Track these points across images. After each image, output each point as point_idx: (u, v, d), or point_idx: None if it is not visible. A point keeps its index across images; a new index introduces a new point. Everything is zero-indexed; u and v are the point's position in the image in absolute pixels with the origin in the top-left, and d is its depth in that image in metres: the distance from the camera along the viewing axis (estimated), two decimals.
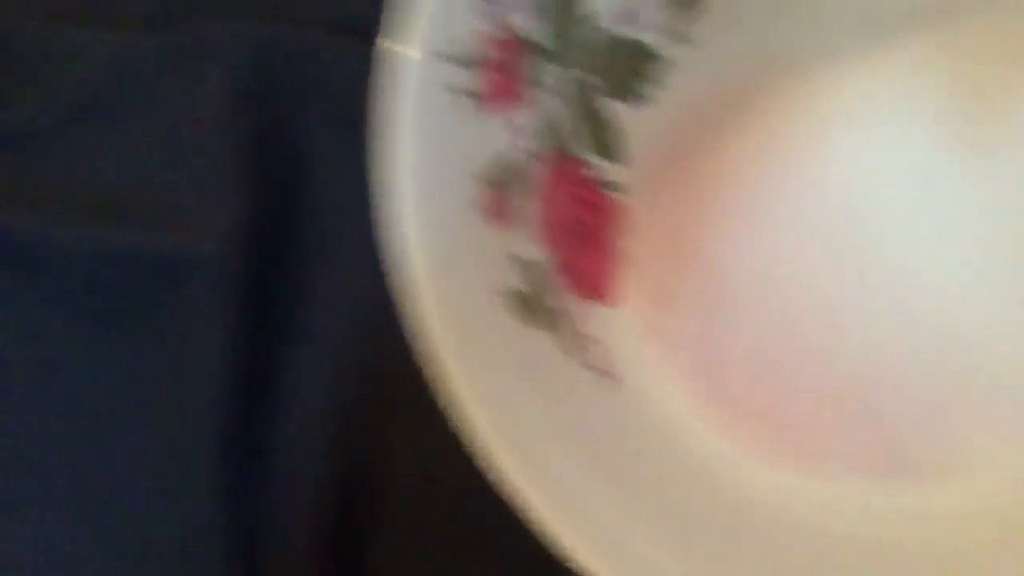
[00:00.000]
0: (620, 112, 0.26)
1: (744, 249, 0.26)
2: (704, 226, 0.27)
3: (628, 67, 0.26)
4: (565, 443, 0.22)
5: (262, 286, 0.28)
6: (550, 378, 0.23)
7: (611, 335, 0.25)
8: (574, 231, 0.26)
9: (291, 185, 0.28)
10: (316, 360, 0.27)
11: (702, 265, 0.26)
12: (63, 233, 0.27)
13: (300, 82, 0.28)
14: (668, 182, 0.27)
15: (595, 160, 0.26)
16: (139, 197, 0.28)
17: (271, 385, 0.27)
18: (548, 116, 0.25)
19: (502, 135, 0.23)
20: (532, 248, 0.24)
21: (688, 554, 0.21)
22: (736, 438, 0.25)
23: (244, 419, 0.27)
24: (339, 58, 0.28)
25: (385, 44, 0.20)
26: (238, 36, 0.28)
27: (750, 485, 0.24)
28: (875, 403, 0.24)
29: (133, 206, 0.28)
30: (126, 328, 0.27)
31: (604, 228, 0.26)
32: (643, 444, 0.24)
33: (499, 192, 0.23)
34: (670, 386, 0.25)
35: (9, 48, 0.29)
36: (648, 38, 0.26)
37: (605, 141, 0.26)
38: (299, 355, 0.27)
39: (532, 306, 0.23)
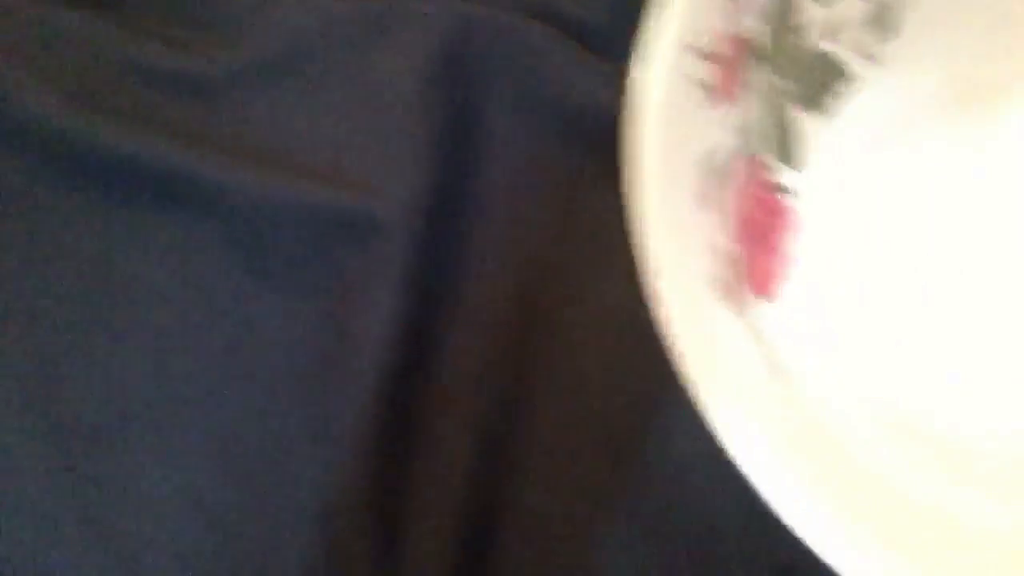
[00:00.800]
0: (804, 121, 0.27)
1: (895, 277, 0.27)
2: (867, 238, 0.28)
3: (822, 80, 0.27)
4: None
5: (432, 263, 0.28)
6: (742, 363, 0.24)
7: (777, 332, 0.27)
8: (750, 228, 0.27)
9: (473, 165, 0.29)
10: (471, 342, 0.28)
11: (864, 275, 0.28)
12: (245, 181, 0.27)
13: (496, 64, 0.29)
14: (839, 192, 0.28)
15: (776, 163, 0.27)
16: (325, 157, 0.28)
17: (426, 359, 0.28)
18: (749, 117, 0.26)
19: (719, 129, 0.24)
20: (724, 241, 0.25)
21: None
22: (903, 450, 0.26)
23: (395, 389, 0.27)
24: (537, 43, 0.29)
25: (641, 34, 0.21)
26: (442, 11, 0.29)
27: (912, 494, 0.25)
28: None
29: (317, 165, 0.28)
30: (292, 285, 0.27)
31: (775, 229, 0.27)
32: (810, 441, 0.25)
33: (707, 184, 0.24)
34: (832, 389, 0.27)
35: (215, 4, 0.29)
36: (843, 55, 0.27)
37: (788, 146, 0.27)
38: (456, 337, 0.28)
39: (730, 293, 0.24)
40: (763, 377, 0.25)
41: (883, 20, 0.27)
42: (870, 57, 0.27)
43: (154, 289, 0.27)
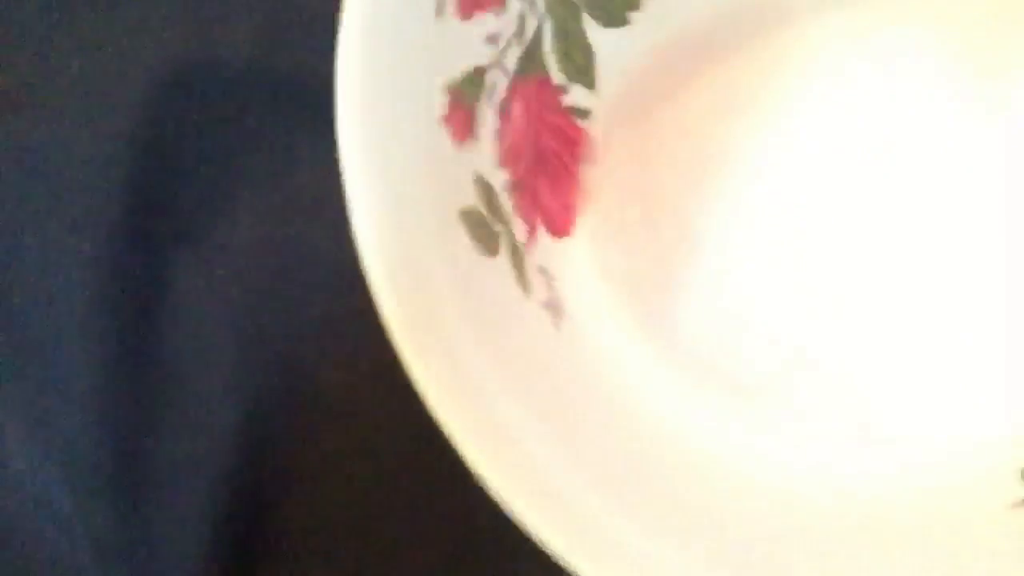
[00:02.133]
0: (595, 33, 0.24)
1: (709, 199, 0.25)
2: (670, 168, 0.25)
3: None
4: (503, 374, 0.20)
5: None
6: (496, 307, 0.22)
7: (563, 269, 0.24)
8: (537, 156, 0.24)
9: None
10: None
11: (665, 208, 0.25)
12: None
13: None
14: (637, 116, 0.25)
15: (566, 83, 0.24)
16: None
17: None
18: (525, 30, 0.23)
19: (477, 45, 0.21)
20: (494, 170, 0.22)
21: (622, 500, 0.20)
22: (688, 390, 0.24)
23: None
24: None
25: None
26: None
27: (698, 439, 0.23)
28: (844, 366, 0.23)
29: None
30: None
31: (568, 156, 0.25)
32: (586, 386, 0.23)
33: (467, 108, 0.21)
34: (620, 329, 0.24)
35: None
36: None
37: (580, 62, 0.24)
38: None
39: (487, 230, 0.22)
40: (540, 322, 0.22)
41: None
42: None
43: None
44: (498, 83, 0.22)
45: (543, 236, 0.24)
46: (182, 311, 0.25)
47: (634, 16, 0.25)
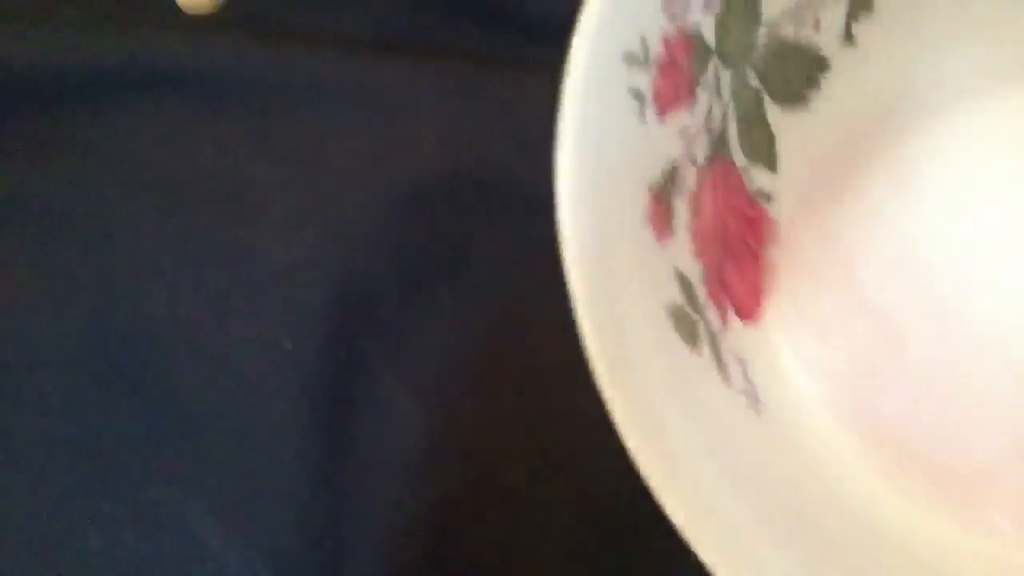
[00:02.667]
0: (777, 117, 0.25)
1: (902, 286, 0.24)
2: (859, 253, 0.25)
3: (795, 70, 0.24)
4: (709, 459, 0.20)
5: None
6: (701, 395, 0.22)
7: (756, 356, 0.24)
8: (724, 240, 0.24)
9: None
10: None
11: (857, 296, 0.25)
12: None
13: None
14: (820, 198, 0.25)
15: (749, 166, 0.24)
16: None
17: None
18: (712, 120, 0.23)
19: (672, 141, 0.22)
20: (690, 262, 0.23)
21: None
22: (886, 476, 0.23)
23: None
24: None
25: (570, 43, 0.19)
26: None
27: (893, 524, 0.23)
28: None
29: None
30: None
31: (752, 239, 0.25)
32: (788, 469, 0.23)
33: (665, 204, 0.22)
34: (816, 415, 0.24)
35: None
36: (818, 40, 0.24)
37: (762, 146, 0.24)
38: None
39: (689, 322, 0.22)
40: (737, 408, 0.22)
41: None
42: (845, 40, 0.24)
43: None
44: (689, 176, 0.23)
45: (734, 322, 0.24)
46: (377, 407, 0.26)
47: (813, 97, 0.25)
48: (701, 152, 0.23)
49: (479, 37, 0.29)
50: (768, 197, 0.25)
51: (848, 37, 0.24)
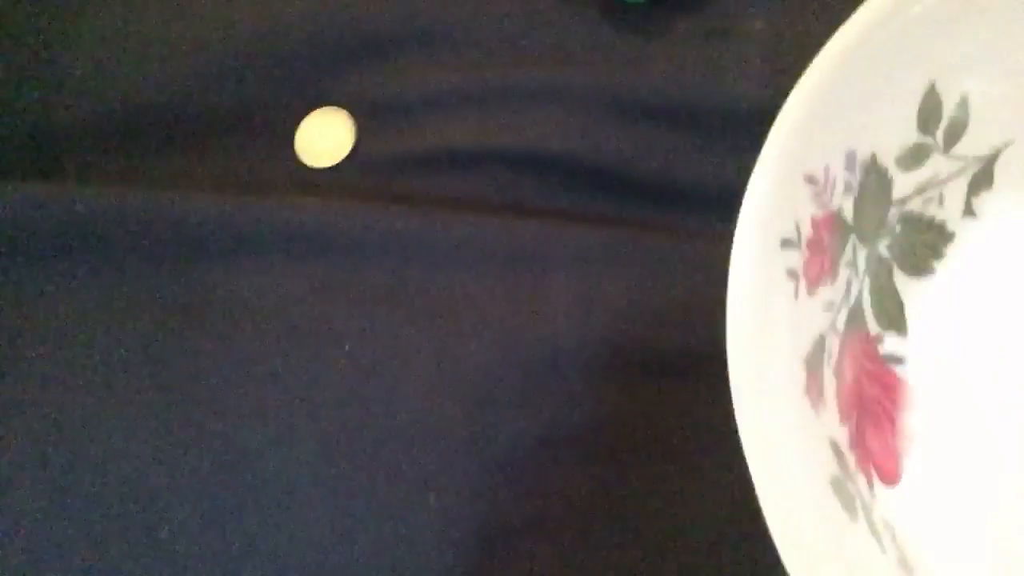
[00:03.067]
0: (905, 285, 0.26)
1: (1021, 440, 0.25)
2: (989, 414, 0.26)
3: (921, 242, 0.25)
4: None
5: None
6: (863, 567, 0.22)
7: (903, 520, 0.24)
8: (863, 407, 0.25)
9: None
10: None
11: (989, 458, 0.25)
12: None
13: None
14: (945, 357, 0.26)
15: (881, 333, 0.25)
16: None
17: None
18: (851, 291, 0.24)
19: (819, 315, 0.23)
20: (838, 429, 0.23)
21: None
22: None
23: None
24: None
25: (734, 232, 0.20)
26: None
27: None
28: None
29: None
30: None
31: (888, 402, 0.26)
32: None
33: (817, 376, 0.23)
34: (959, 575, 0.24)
35: None
36: (943, 215, 0.25)
37: (892, 313, 0.26)
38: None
39: (847, 493, 0.22)
40: None
41: (974, 174, 0.25)
42: (967, 213, 0.26)
43: None
44: (832, 345, 0.24)
45: (879, 486, 0.24)
46: (520, 564, 0.26)
47: (938, 266, 0.26)
48: (841, 322, 0.24)
49: (607, 206, 0.30)
50: (900, 361, 0.26)
51: (969, 210, 0.26)
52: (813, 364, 0.22)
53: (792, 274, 0.22)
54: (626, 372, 0.27)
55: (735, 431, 0.20)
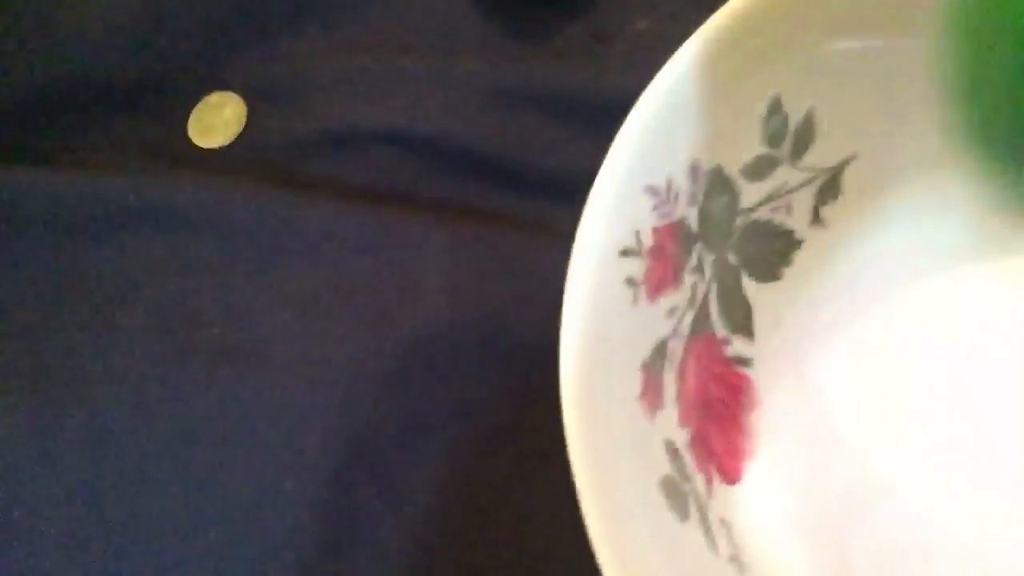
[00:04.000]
0: (753, 291, 0.27)
1: (876, 443, 0.26)
2: (832, 414, 0.27)
3: (770, 249, 0.26)
4: None
5: None
6: (691, 566, 0.23)
7: (740, 517, 0.25)
8: (707, 407, 0.26)
9: None
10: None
11: (832, 454, 0.26)
12: None
13: None
14: (795, 363, 0.27)
15: (729, 336, 0.26)
16: None
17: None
18: (696, 297, 0.25)
19: (661, 321, 0.23)
20: (677, 431, 0.24)
21: None
22: None
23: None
24: None
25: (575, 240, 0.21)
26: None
27: None
28: None
29: None
30: None
31: (733, 402, 0.26)
32: None
33: (656, 380, 0.23)
34: (797, 572, 0.25)
35: None
36: (790, 222, 0.26)
37: (740, 317, 0.26)
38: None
39: (679, 493, 0.23)
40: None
41: (821, 185, 0.26)
42: (815, 222, 0.27)
43: None
44: (675, 349, 0.24)
45: (719, 486, 0.25)
46: (376, 549, 0.27)
47: (786, 272, 0.27)
48: (686, 326, 0.25)
49: (483, 193, 0.31)
50: (747, 363, 0.27)
51: (817, 219, 0.27)
52: (652, 368, 0.23)
53: (631, 282, 0.22)
54: (492, 361, 0.28)
55: None
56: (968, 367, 0.27)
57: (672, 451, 0.23)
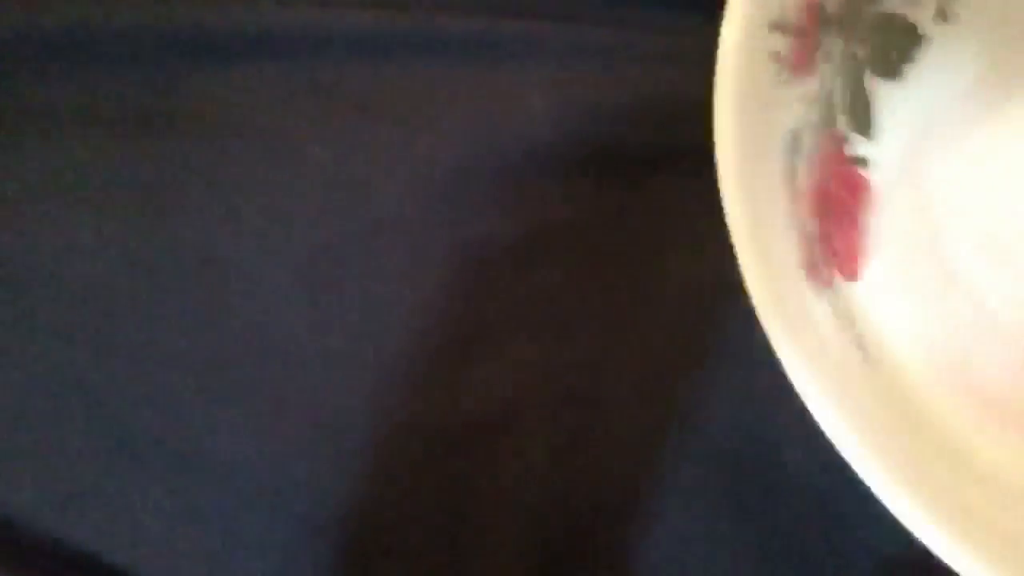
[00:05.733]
0: (875, 87, 0.26)
1: (983, 250, 0.26)
2: (944, 219, 0.26)
3: (895, 43, 0.26)
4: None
5: None
6: (829, 345, 0.23)
7: (861, 313, 0.25)
8: (828, 203, 0.26)
9: None
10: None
11: (941, 259, 0.26)
12: None
13: None
14: (913, 166, 0.27)
15: (850, 133, 0.26)
16: None
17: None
18: (823, 87, 0.24)
19: (799, 104, 0.23)
20: (807, 219, 0.24)
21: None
22: (981, 426, 0.25)
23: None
24: None
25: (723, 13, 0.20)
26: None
27: (991, 464, 0.24)
28: None
29: None
30: None
31: (852, 202, 0.26)
32: (891, 417, 0.24)
33: (791, 163, 0.23)
34: (913, 369, 0.26)
35: None
36: (916, 16, 0.25)
37: (865, 116, 0.26)
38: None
39: (816, 273, 0.23)
40: (853, 357, 0.24)
41: None
42: (939, 16, 0.26)
43: None
44: (807, 139, 0.24)
45: (840, 280, 0.25)
46: (494, 361, 0.27)
47: (908, 70, 0.26)
48: (816, 117, 0.24)
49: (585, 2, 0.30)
50: (866, 163, 0.26)
51: (943, 15, 0.26)
52: (791, 153, 0.23)
53: (777, 57, 0.21)
54: (603, 169, 0.27)
55: (711, 216, 0.21)
56: None
57: (806, 236, 0.23)
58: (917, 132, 0.27)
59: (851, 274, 0.26)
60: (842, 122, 0.26)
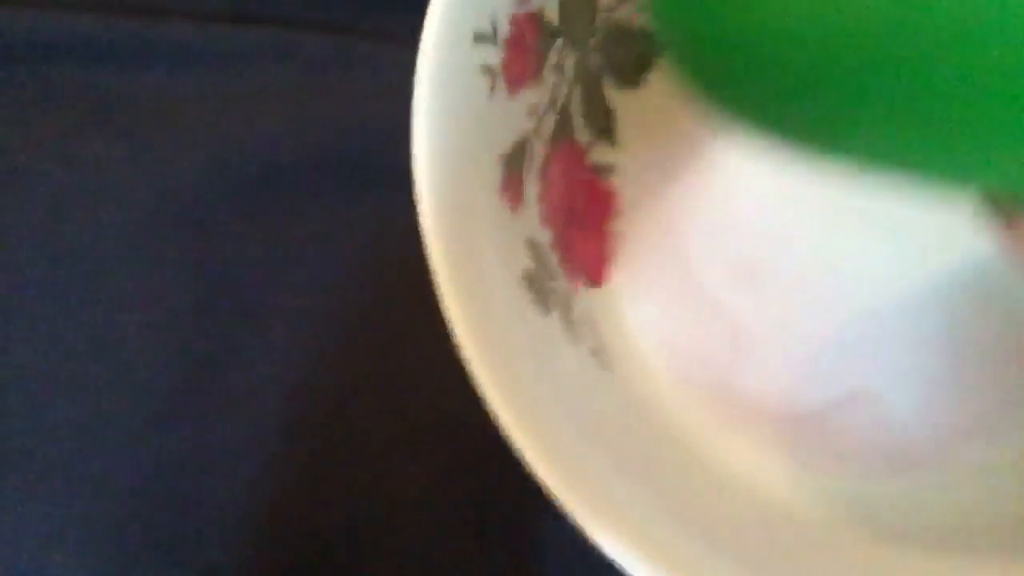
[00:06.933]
0: (615, 95, 0.26)
1: (720, 251, 0.27)
2: (693, 227, 0.27)
3: (630, 52, 0.26)
4: (560, 409, 0.22)
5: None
6: (552, 354, 0.23)
7: (603, 318, 0.26)
8: (571, 212, 0.26)
9: None
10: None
11: (683, 261, 0.27)
12: None
13: None
14: (659, 174, 0.27)
15: (591, 142, 0.26)
16: None
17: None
18: (557, 98, 0.24)
19: (522, 117, 0.23)
20: (540, 230, 0.24)
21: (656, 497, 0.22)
22: (724, 428, 0.25)
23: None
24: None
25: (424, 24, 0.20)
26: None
27: (735, 469, 0.25)
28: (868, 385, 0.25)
29: None
30: None
31: (597, 211, 0.26)
32: (632, 418, 0.25)
33: (517, 176, 0.23)
34: (655, 371, 0.26)
35: None
36: (647, 23, 0.26)
37: (603, 123, 0.26)
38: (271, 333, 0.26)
39: (542, 288, 0.23)
40: (587, 364, 0.24)
41: None
42: None
43: None
44: (538, 150, 0.24)
45: (583, 286, 0.25)
46: (239, 377, 0.26)
47: (647, 77, 0.27)
48: (548, 128, 0.24)
49: (330, 9, 0.29)
50: (609, 171, 0.27)
51: None
52: (513, 165, 0.23)
53: (488, 71, 0.21)
54: (342, 185, 0.27)
55: None
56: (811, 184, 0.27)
57: (534, 248, 0.23)
58: (661, 142, 0.27)
59: (595, 280, 0.26)
60: (581, 131, 0.26)
